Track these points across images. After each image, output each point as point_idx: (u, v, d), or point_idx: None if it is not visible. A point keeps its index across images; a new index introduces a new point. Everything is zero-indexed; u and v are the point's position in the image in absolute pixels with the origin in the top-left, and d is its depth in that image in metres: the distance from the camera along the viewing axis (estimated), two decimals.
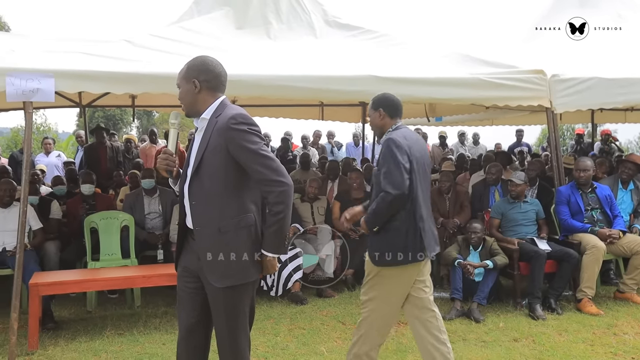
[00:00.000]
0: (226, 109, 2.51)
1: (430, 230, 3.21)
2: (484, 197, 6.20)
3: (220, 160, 2.43)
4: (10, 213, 5.22)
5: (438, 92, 5.09)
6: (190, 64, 2.56)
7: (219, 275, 2.47)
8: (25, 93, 3.91)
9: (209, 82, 2.53)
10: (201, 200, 2.48)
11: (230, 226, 2.45)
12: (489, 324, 4.72)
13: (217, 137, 2.44)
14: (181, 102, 2.57)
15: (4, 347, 4.20)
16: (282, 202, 2.41)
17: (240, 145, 2.40)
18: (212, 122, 2.49)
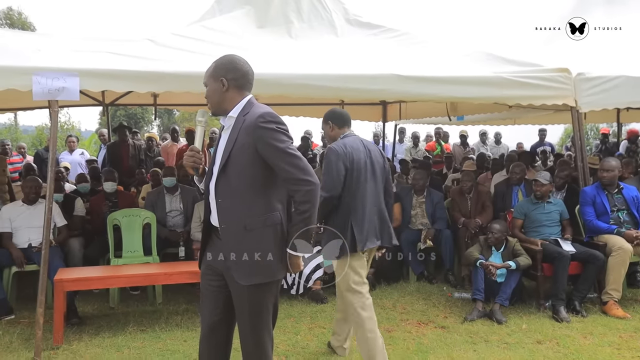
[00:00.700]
0: (254, 107, 2.51)
1: (369, 224, 3.58)
2: (507, 197, 6.13)
3: (247, 158, 2.43)
4: (36, 210, 5.31)
5: (460, 91, 5.03)
6: (218, 62, 2.56)
7: (245, 273, 2.47)
8: (51, 92, 3.96)
9: (237, 81, 2.53)
10: (228, 198, 2.48)
11: (257, 224, 2.45)
12: (512, 325, 4.67)
13: (244, 136, 2.44)
14: (208, 101, 2.57)
15: (30, 341, 4.28)
16: (308, 201, 2.41)
17: (268, 143, 2.40)
18: (240, 121, 2.49)
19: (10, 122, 23.64)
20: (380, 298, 5.45)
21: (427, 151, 10.28)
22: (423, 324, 4.77)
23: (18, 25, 26.06)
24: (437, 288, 5.79)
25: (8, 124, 23.54)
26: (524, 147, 11.40)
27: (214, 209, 2.55)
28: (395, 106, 8.54)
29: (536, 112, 7.05)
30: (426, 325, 4.73)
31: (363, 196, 3.58)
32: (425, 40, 5.80)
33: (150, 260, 5.51)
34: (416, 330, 4.61)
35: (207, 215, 2.63)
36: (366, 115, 9.11)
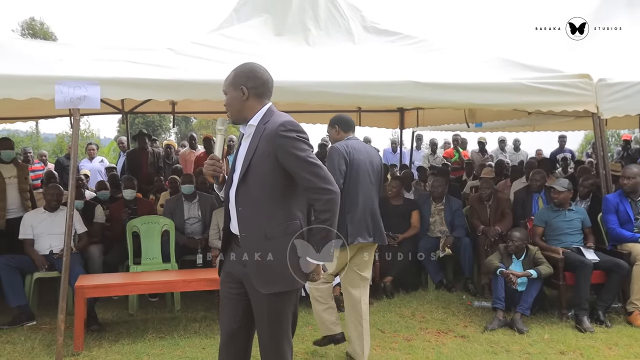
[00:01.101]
0: (274, 115, 2.51)
1: (361, 221, 3.80)
2: (527, 204, 6.05)
3: (267, 166, 2.43)
4: (57, 217, 5.37)
5: (479, 98, 5.00)
6: (238, 70, 2.56)
7: (265, 281, 2.47)
8: (73, 100, 4.02)
9: (257, 89, 2.53)
10: (248, 206, 2.47)
11: (277, 233, 2.45)
12: (533, 335, 4.59)
13: (265, 144, 2.43)
14: (228, 109, 2.57)
15: (51, 347, 4.31)
16: (329, 210, 2.41)
17: (289, 152, 2.40)
18: (260, 129, 2.49)
19: (31, 130, 24.05)
20: (398, 306, 5.41)
21: (445, 158, 10.21)
22: (443, 333, 4.72)
23: (40, 35, 26.56)
24: (457, 296, 5.72)
25: (29, 132, 23.95)
26: (543, 153, 11.26)
27: (234, 217, 2.54)
28: (413, 113, 8.50)
29: (556, 119, 6.96)
30: (446, 335, 4.68)
31: (360, 194, 3.82)
32: (443, 47, 5.77)
33: (169, 267, 5.53)
34: (436, 339, 4.56)
35: (226, 223, 2.63)
36: (383, 122, 9.09)
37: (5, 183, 5.77)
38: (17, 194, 5.89)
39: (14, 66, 4.16)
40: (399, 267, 5.87)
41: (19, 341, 4.52)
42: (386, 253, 5.84)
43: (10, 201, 5.82)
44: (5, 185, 5.77)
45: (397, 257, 5.87)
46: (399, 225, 6.13)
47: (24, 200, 5.95)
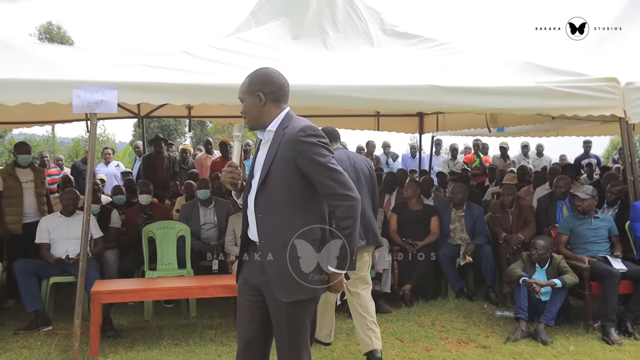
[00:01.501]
0: (293, 120, 2.47)
1: None
2: (551, 211, 5.90)
3: (287, 173, 2.39)
4: (74, 221, 5.35)
5: (502, 102, 4.90)
6: (253, 76, 2.52)
7: (284, 289, 2.42)
8: (90, 105, 4.01)
9: (274, 94, 2.48)
10: (267, 213, 2.44)
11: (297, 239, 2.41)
12: (558, 347, 4.45)
13: (285, 150, 2.40)
14: (245, 116, 2.52)
15: (67, 352, 4.28)
16: (350, 217, 2.36)
17: (310, 158, 2.36)
18: (279, 135, 2.45)
19: (48, 134, 24.31)
20: (418, 315, 5.30)
21: (466, 163, 10.05)
22: (463, 343, 4.60)
23: (57, 39, 26.91)
24: (478, 305, 5.59)
25: (46, 136, 24.21)
26: (567, 159, 11.04)
27: (253, 224, 2.50)
28: (433, 117, 8.39)
29: (581, 124, 6.83)
30: (467, 345, 4.56)
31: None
32: (465, 50, 5.68)
33: (185, 273, 5.48)
34: (456, 349, 4.45)
35: (245, 229, 2.59)
36: (402, 127, 9.00)
37: (22, 187, 5.77)
38: (33, 199, 5.89)
39: (32, 71, 4.16)
40: (418, 275, 5.76)
41: (35, 346, 4.49)
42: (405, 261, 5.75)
43: (27, 205, 5.82)
44: (22, 190, 5.77)
45: (416, 265, 5.77)
46: (418, 232, 6.02)
47: (40, 204, 5.95)
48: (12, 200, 5.73)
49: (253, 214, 2.48)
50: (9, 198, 5.72)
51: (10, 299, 5.53)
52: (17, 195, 5.74)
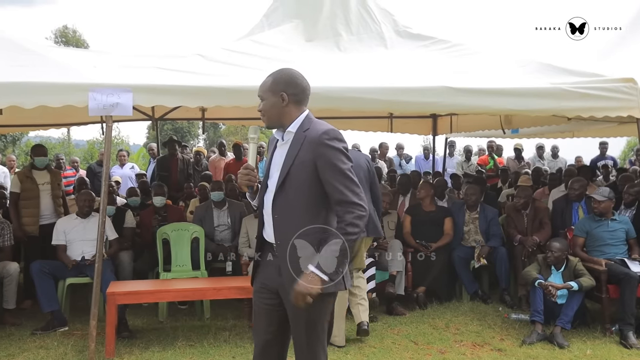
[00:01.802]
0: (314, 123, 2.47)
1: None
2: (566, 213, 5.84)
3: (306, 175, 2.40)
4: (89, 223, 5.40)
5: (516, 103, 4.84)
6: (277, 76, 2.51)
7: None
8: (106, 107, 4.03)
9: (297, 96, 2.49)
10: (285, 214, 2.44)
11: None
12: (575, 350, 4.40)
13: (306, 152, 2.40)
14: (263, 114, 2.52)
15: (83, 353, 4.32)
16: (357, 226, 2.36)
17: (330, 162, 2.37)
18: (300, 137, 2.45)
19: (63, 136, 24.57)
20: (432, 317, 5.27)
21: (480, 165, 9.98)
22: (478, 345, 4.57)
23: (72, 42, 27.21)
24: (492, 308, 5.54)
25: (61, 138, 24.48)
26: (583, 161, 10.92)
27: (269, 225, 2.50)
28: (446, 119, 8.35)
29: (597, 125, 6.75)
30: (482, 348, 4.52)
31: None
32: (479, 51, 5.63)
33: (199, 275, 5.50)
34: (471, 352, 4.42)
35: (260, 230, 2.59)
36: (415, 129, 8.96)
37: (39, 189, 5.84)
38: (50, 200, 5.96)
39: (49, 74, 4.20)
40: (432, 277, 5.73)
41: (52, 346, 4.54)
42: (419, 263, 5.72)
43: (44, 207, 5.89)
44: (39, 192, 5.84)
45: (430, 267, 5.74)
46: (431, 234, 6.00)
47: (57, 206, 6.02)
48: (29, 202, 5.80)
49: (270, 214, 2.48)
50: (26, 200, 5.79)
51: (27, 299, 5.59)
52: (34, 197, 5.81)
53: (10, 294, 5.10)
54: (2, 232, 5.34)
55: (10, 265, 5.15)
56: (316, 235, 2.42)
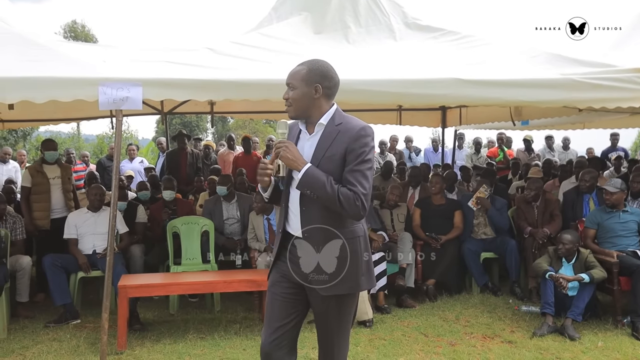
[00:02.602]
0: (347, 118, 2.47)
1: None
2: (577, 205, 5.80)
3: (335, 168, 2.39)
4: (100, 217, 5.44)
5: (527, 95, 4.80)
6: (312, 67, 2.46)
7: (326, 284, 2.46)
8: (116, 102, 4.03)
9: (330, 90, 2.47)
10: (313, 207, 2.44)
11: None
12: (586, 342, 4.39)
13: (338, 145, 2.39)
14: (291, 103, 2.47)
15: (95, 345, 4.36)
16: (349, 207, 2.34)
17: (358, 155, 2.37)
18: (332, 130, 2.43)
19: (73, 131, 24.68)
20: (442, 310, 5.27)
21: (489, 157, 9.93)
22: (489, 338, 4.56)
23: (81, 37, 27.26)
24: (503, 300, 5.54)
25: (71, 133, 24.58)
26: (594, 152, 10.83)
27: (296, 217, 2.50)
28: (455, 111, 8.30)
29: (609, 116, 6.69)
30: (492, 340, 4.52)
31: None
32: (489, 43, 5.57)
33: (209, 268, 5.53)
34: (481, 344, 4.42)
35: (283, 223, 2.58)
36: (424, 121, 8.92)
37: (49, 184, 5.89)
38: (61, 195, 6.00)
39: (59, 68, 4.21)
40: (442, 270, 5.73)
41: (65, 339, 4.59)
42: (429, 255, 5.72)
43: (55, 201, 5.93)
44: (49, 186, 5.88)
45: (440, 260, 5.74)
46: (441, 226, 5.99)
47: (67, 200, 6.07)
48: (40, 197, 5.85)
49: (297, 206, 2.48)
50: (37, 194, 5.84)
51: (40, 292, 5.65)
52: (44, 192, 5.86)
53: (23, 287, 5.15)
54: (14, 226, 5.39)
55: (23, 259, 5.21)
56: (344, 230, 2.44)
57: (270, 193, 2.60)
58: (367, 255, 2.53)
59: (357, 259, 2.47)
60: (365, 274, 2.51)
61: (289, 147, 2.42)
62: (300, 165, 2.39)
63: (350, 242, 2.45)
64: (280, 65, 4.78)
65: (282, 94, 2.51)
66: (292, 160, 2.41)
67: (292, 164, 2.41)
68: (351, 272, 2.45)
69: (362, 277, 2.49)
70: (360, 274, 2.48)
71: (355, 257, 2.46)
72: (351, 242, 2.46)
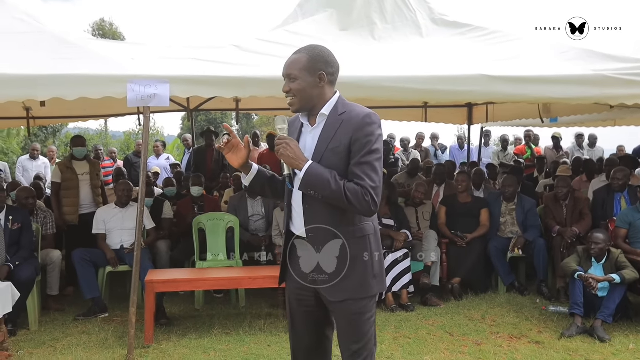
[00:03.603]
0: (350, 106, 2.29)
1: None
2: (608, 204, 5.67)
3: (339, 161, 2.22)
4: (128, 212, 5.52)
5: (556, 91, 4.71)
6: (314, 54, 2.28)
7: (334, 288, 2.28)
8: (144, 99, 4.08)
9: (333, 76, 2.31)
10: (315, 204, 2.25)
11: (346, 235, 2.26)
12: (617, 344, 4.29)
13: (343, 135, 2.21)
14: (296, 95, 2.27)
15: (123, 339, 4.43)
16: (358, 204, 2.16)
17: (365, 146, 2.18)
18: (335, 120, 2.26)
19: (101, 128, 25.07)
20: (467, 309, 5.21)
21: (517, 155, 9.78)
22: (515, 338, 4.50)
23: (109, 35, 27.62)
24: (530, 300, 5.45)
25: (99, 130, 24.98)
26: (625, 150, 10.57)
27: (299, 216, 2.32)
28: (482, 108, 8.20)
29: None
30: (519, 340, 4.46)
31: None
32: (517, 39, 5.48)
33: (234, 264, 5.57)
34: (508, 344, 4.36)
35: (287, 223, 2.40)
36: (450, 118, 8.84)
37: (78, 179, 6.00)
38: (89, 190, 6.11)
39: (89, 66, 4.28)
40: (468, 268, 5.67)
41: (94, 332, 4.68)
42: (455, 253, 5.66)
43: (83, 197, 6.04)
44: (78, 182, 5.99)
45: (465, 258, 5.68)
46: (467, 224, 5.92)
47: (95, 196, 6.16)
48: (69, 192, 5.96)
49: (300, 204, 2.31)
50: (66, 190, 5.96)
51: (69, 286, 5.76)
52: (73, 187, 5.97)
53: (53, 280, 5.27)
54: (45, 220, 5.51)
55: (54, 253, 5.32)
56: (349, 228, 2.26)
57: (250, 180, 2.43)
58: (378, 255, 2.32)
59: (367, 260, 2.27)
60: (378, 276, 2.32)
61: (289, 144, 2.23)
62: (301, 164, 2.20)
63: (359, 241, 2.27)
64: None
65: None
66: (292, 158, 2.22)
67: (292, 162, 2.22)
68: (360, 273, 2.26)
69: (372, 280, 2.29)
70: (371, 276, 2.29)
71: (364, 258, 2.27)
72: (360, 241, 2.27)
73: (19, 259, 4.71)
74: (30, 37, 4.66)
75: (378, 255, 2.32)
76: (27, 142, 15.95)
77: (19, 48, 4.49)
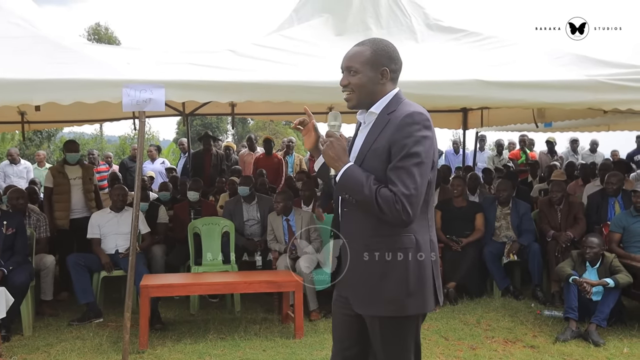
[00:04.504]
0: (402, 104, 2.10)
1: None
2: (602, 209, 5.71)
3: (380, 164, 2.05)
4: (123, 217, 5.51)
5: (551, 96, 4.75)
6: (378, 48, 2.14)
7: (361, 300, 2.13)
8: (139, 103, 4.09)
9: (395, 73, 2.17)
10: (353, 208, 2.12)
11: (381, 245, 2.07)
12: (611, 348, 4.31)
13: (384, 137, 2.06)
14: (353, 90, 2.14)
15: (118, 344, 4.41)
16: (388, 211, 1.97)
17: (403, 149, 2.00)
18: (383, 119, 2.10)
19: (96, 132, 25.05)
20: (462, 313, 5.22)
21: (511, 159, 9.83)
22: (510, 342, 4.51)
23: (105, 40, 27.65)
24: (524, 304, 5.46)
25: (94, 134, 24.95)
26: (619, 155, 10.63)
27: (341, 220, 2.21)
28: (477, 113, 8.23)
29: (635, 117, 6.56)
30: (514, 344, 4.47)
31: None
32: (512, 44, 5.50)
33: (229, 269, 5.56)
34: (503, 348, 4.36)
35: (336, 225, 2.26)
36: (445, 123, 8.85)
37: (70, 184, 5.97)
38: (81, 195, 6.08)
39: (84, 70, 4.28)
40: (463, 273, 5.68)
41: (88, 337, 4.66)
42: (450, 258, 5.67)
43: (75, 202, 6.02)
44: (69, 187, 5.97)
45: (460, 262, 5.69)
46: (462, 229, 5.94)
47: (88, 200, 6.12)
48: (60, 197, 5.95)
49: (339, 207, 2.20)
50: (58, 194, 5.94)
51: (63, 291, 5.74)
52: (65, 192, 5.95)
53: (47, 285, 5.24)
54: (37, 223, 5.48)
55: (47, 257, 5.30)
56: (385, 239, 2.08)
57: (319, 165, 2.27)
58: (420, 270, 2.07)
59: (403, 275, 2.05)
60: (416, 294, 2.07)
61: (332, 144, 2.09)
62: (340, 165, 2.07)
63: (392, 254, 2.06)
64: (302, 67, 4.79)
65: (303, 95, 2.38)
66: (332, 158, 2.08)
67: (332, 163, 2.09)
68: (390, 290, 2.06)
69: (408, 298, 2.06)
70: (407, 294, 2.06)
71: (400, 273, 2.05)
72: (393, 254, 2.06)
73: (13, 264, 4.69)
74: (26, 41, 4.65)
75: (419, 270, 2.08)
76: (22, 146, 15.91)
77: (14, 52, 4.48)
